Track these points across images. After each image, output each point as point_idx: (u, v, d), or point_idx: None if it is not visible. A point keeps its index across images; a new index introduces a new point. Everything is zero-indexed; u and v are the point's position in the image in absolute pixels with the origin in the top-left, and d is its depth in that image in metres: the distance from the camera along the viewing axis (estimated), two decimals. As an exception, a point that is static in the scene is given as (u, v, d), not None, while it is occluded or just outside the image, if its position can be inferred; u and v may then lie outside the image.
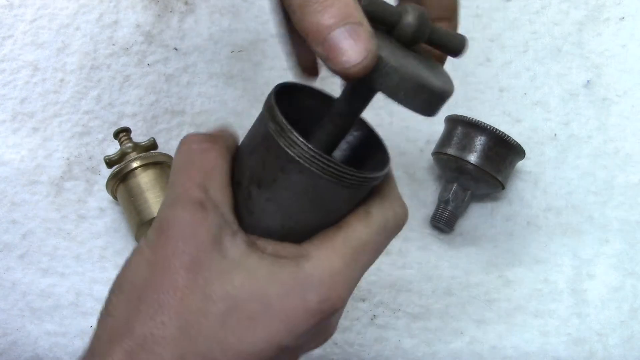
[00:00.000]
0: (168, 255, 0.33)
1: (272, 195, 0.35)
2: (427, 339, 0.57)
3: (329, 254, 0.35)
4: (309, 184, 0.34)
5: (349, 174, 0.34)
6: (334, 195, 0.35)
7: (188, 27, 0.70)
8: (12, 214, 0.61)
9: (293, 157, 0.34)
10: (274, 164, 0.34)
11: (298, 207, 0.35)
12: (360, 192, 0.36)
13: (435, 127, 0.64)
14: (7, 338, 0.56)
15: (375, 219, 0.36)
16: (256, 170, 0.35)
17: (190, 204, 0.33)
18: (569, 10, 0.72)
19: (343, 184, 0.34)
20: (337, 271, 0.34)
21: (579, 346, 0.57)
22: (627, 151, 0.65)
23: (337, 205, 0.36)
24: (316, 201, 0.35)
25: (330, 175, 0.34)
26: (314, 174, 0.34)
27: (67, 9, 0.71)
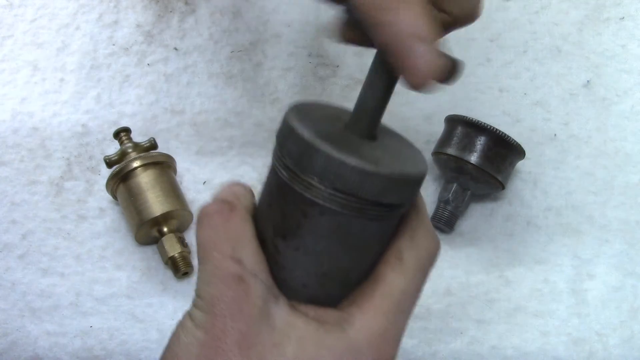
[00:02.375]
0: (218, 334, 0.33)
1: (299, 243, 0.34)
2: (427, 339, 0.57)
3: (372, 315, 0.34)
4: (333, 224, 0.33)
5: (371, 206, 0.33)
6: (362, 231, 0.34)
7: (188, 27, 0.70)
8: (12, 214, 0.61)
9: (311, 199, 0.33)
10: (294, 211, 0.33)
11: (327, 250, 0.34)
12: (389, 224, 0.35)
13: (435, 127, 0.64)
14: (7, 338, 0.56)
15: (409, 264, 0.35)
16: (278, 222, 0.34)
17: (230, 279, 0.33)
18: (569, 10, 0.72)
19: (368, 217, 0.33)
20: (384, 330, 0.34)
21: (579, 346, 0.57)
22: (627, 151, 0.65)
23: (368, 242, 0.34)
24: (344, 240, 0.34)
25: (352, 210, 0.33)
26: (335, 212, 0.33)
27: (67, 9, 0.71)
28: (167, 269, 0.59)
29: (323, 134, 0.33)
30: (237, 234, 0.35)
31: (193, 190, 0.63)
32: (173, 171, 0.62)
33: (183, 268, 0.57)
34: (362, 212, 0.33)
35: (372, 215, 0.33)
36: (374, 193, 0.32)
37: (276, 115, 0.66)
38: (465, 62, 0.73)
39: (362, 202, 0.32)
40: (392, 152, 0.36)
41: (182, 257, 0.58)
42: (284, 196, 0.34)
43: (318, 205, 0.33)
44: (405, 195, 0.34)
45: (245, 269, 0.34)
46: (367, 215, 0.33)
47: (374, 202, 0.32)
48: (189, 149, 0.65)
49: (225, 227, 0.35)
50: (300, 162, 0.33)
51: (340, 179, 0.32)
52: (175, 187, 0.60)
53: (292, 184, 0.33)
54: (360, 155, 0.32)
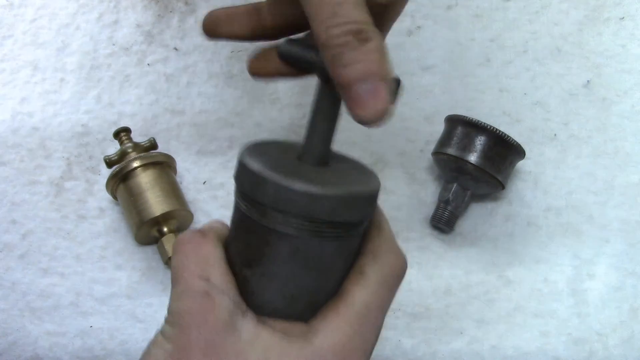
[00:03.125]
0: (184, 344, 0.34)
1: (264, 270, 0.35)
2: (427, 339, 0.57)
3: (337, 324, 0.35)
4: (292, 248, 0.34)
5: (325, 226, 0.34)
6: (321, 252, 0.35)
7: (188, 27, 0.70)
8: (12, 214, 0.61)
9: (268, 227, 0.34)
10: (255, 240, 0.35)
11: (291, 274, 0.35)
12: (348, 242, 0.36)
13: (435, 127, 0.64)
14: (7, 338, 0.56)
15: (370, 278, 0.36)
16: (243, 252, 0.36)
17: (197, 294, 0.35)
18: (569, 10, 0.72)
19: (324, 238, 0.34)
20: (348, 339, 0.35)
21: (579, 346, 0.57)
22: (627, 151, 0.65)
23: (329, 262, 0.35)
24: (305, 263, 0.35)
25: (308, 233, 0.34)
26: (292, 236, 0.34)
27: (67, 9, 0.71)
28: (167, 269, 0.59)
29: (272, 165, 0.34)
30: (206, 257, 0.36)
31: (193, 190, 0.63)
32: (173, 171, 0.62)
33: (183, 268, 0.57)
34: (318, 233, 0.34)
35: (328, 235, 0.34)
36: (325, 213, 0.33)
37: (276, 115, 0.66)
38: (465, 62, 0.73)
39: (316, 224, 0.34)
40: (342, 174, 0.37)
41: (182, 257, 0.57)
42: (245, 227, 0.36)
43: (275, 231, 0.34)
44: (358, 213, 0.35)
45: (212, 285, 0.35)
46: (323, 236, 0.34)
47: (327, 222, 0.34)
48: (189, 149, 0.65)
49: (195, 252, 0.37)
50: (254, 193, 0.34)
51: (291, 204, 0.33)
52: (175, 187, 0.60)
53: (250, 214, 0.35)
54: (307, 179, 0.34)
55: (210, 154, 0.65)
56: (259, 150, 0.37)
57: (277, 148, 0.39)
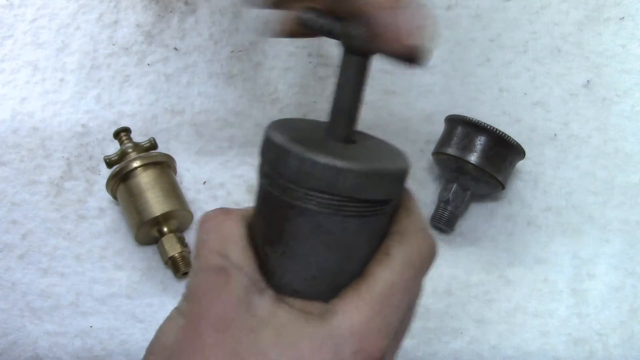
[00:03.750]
0: (196, 318, 0.34)
1: (284, 248, 0.34)
2: (427, 339, 0.57)
3: (356, 304, 0.34)
4: (313, 224, 0.33)
5: (348, 202, 0.33)
6: (343, 230, 0.33)
7: (188, 27, 0.70)
8: (12, 214, 0.61)
9: (289, 202, 0.33)
10: (276, 217, 0.34)
11: (312, 252, 0.34)
12: (373, 222, 0.34)
13: (435, 127, 0.64)
14: (7, 338, 0.56)
15: (396, 259, 0.35)
16: (264, 230, 0.35)
17: (212, 270, 0.34)
18: (569, 10, 0.72)
19: (346, 214, 0.33)
20: (368, 320, 0.33)
21: (579, 346, 0.57)
22: (627, 151, 0.65)
23: (352, 241, 0.34)
24: (327, 240, 0.34)
25: (329, 208, 0.33)
26: (313, 212, 0.33)
27: (67, 9, 0.71)
28: (167, 269, 0.59)
29: (297, 139, 0.34)
30: (226, 234, 0.36)
31: (193, 190, 0.63)
32: (173, 171, 0.62)
33: (183, 268, 0.57)
34: (340, 209, 0.33)
35: (350, 212, 0.33)
36: (348, 189, 0.32)
37: (276, 115, 0.66)
38: (465, 62, 0.73)
39: (338, 199, 0.33)
40: (369, 152, 0.36)
41: (182, 257, 0.58)
42: (267, 204, 0.35)
43: (296, 206, 0.33)
44: (383, 190, 0.34)
45: (229, 262, 0.34)
46: (345, 213, 0.33)
47: (349, 198, 0.33)
48: (189, 149, 0.65)
49: (216, 228, 0.36)
50: (276, 167, 0.33)
51: (312, 178, 0.32)
52: (175, 187, 0.60)
53: (271, 189, 0.34)
54: (331, 153, 0.33)
55: (210, 154, 0.65)
56: (285, 125, 0.36)
57: (304, 125, 0.38)
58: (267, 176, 0.35)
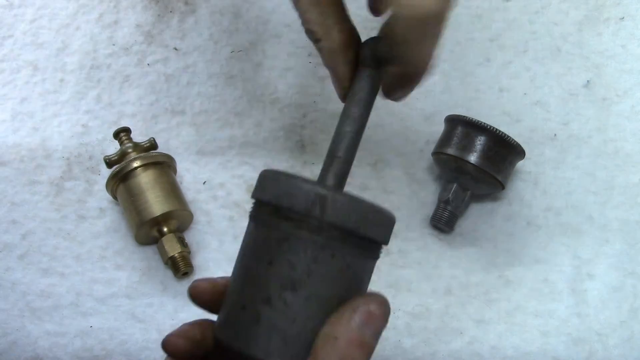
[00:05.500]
0: None
1: (311, 292, 0.34)
2: (427, 339, 0.57)
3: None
4: (344, 266, 0.35)
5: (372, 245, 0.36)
6: (363, 272, 0.36)
7: (188, 27, 0.70)
8: (12, 214, 0.61)
9: (320, 242, 0.34)
10: (303, 259, 0.34)
11: (336, 292, 0.35)
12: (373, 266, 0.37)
13: (435, 127, 0.64)
14: (7, 338, 0.56)
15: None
16: (286, 275, 0.34)
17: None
18: (569, 10, 0.72)
19: (367, 255, 0.36)
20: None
21: (579, 346, 0.57)
22: (627, 151, 0.65)
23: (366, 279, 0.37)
24: (352, 280, 0.35)
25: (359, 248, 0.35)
26: (345, 252, 0.35)
27: (67, 9, 0.71)
28: (167, 269, 0.59)
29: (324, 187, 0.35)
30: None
31: (193, 190, 0.63)
32: (173, 171, 0.62)
33: (183, 268, 0.57)
34: (366, 249, 0.35)
35: (370, 253, 0.36)
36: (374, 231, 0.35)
37: (276, 115, 0.66)
38: (465, 62, 0.73)
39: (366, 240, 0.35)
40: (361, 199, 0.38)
41: (182, 257, 0.58)
42: (289, 248, 0.34)
43: (327, 248, 0.34)
44: (381, 232, 0.36)
45: None
46: (367, 254, 0.36)
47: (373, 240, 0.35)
48: (189, 149, 0.65)
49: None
50: (309, 212, 0.34)
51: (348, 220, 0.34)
52: (175, 187, 0.60)
53: (299, 231, 0.34)
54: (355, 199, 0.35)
55: (210, 154, 0.65)
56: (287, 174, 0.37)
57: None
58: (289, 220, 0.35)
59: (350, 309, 0.34)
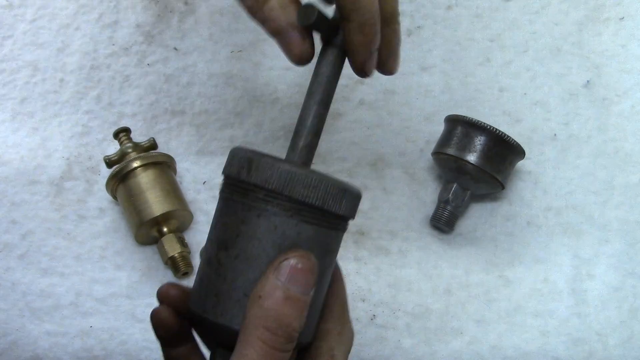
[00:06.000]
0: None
1: (238, 251, 0.36)
2: (427, 339, 0.57)
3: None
4: (270, 226, 0.35)
5: (306, 209, 0.35)
6: (299, 235, 0.35)
7: (188, 27, 0.70)
8: (12, 214, 0.61)
9: (249, 203, 0.36)
10: (234, 221, 0.36)
11: (266, 254, 0.35)
12: (328, 238, 0.37)
13: (435, 127, 0.64)
14: (7, 338, 0.56)
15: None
16: (220, 236, 0.37)
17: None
18: (569, 10, 0.72)
19: (302, 219, 0.35)
20: None
21: (578, 346, 0.57)
22: (627, 151, 0.65)
23: (304, 249, 0.36)
24: (282, 244, 0.35)
25: (287, 211, 0.35)
26: (271, 213, 0.35)
27: (67, 9, 0.71)
28: (167, 269, 0.59)
29: (259, 153, 0.37)
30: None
31: (193, 190, 0.63)
32: (173, 171, 0.62)
33: (183, 268, 0.57)
34: (297, 213, 0.35)
35: (306, 218, 0.35)
36: (305, 194, 0.35)
37: (276, 115, 0.66)
38: (465, 62, 0.73)
39: (296, 203, 0.35)
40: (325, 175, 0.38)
41: (182, 257, 0.58)
42: (226, 210, 0.37)
43: (255, 208, 0.35)
44: (340, 205, 0.36)
45: None
46: (301, 218, 0.35)
47: (305, 203, 0.35)
48: (189, 149, 0.65)
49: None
50: (239, 174, 0.36)
51: (274, 181, 0.35)
52: (175, 187, 0.60)
53: (232, 196, 0.36)
54: (293, 163, 0.37)
55: (210, 154, 0.65)
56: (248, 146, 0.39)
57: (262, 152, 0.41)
58: (229, 186, 0.37)
59: (272, 268, 0.35)
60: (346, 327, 0.40)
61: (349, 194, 0.37)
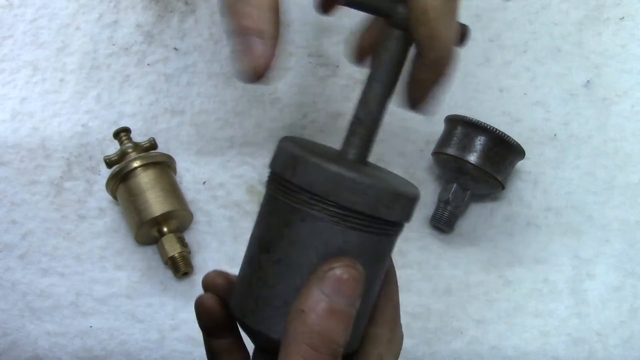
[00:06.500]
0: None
1: (281, 255, 0.33)
2: (427, 339, 0.57)
3: None
4: (315, 231, 0.33)
5: (353, 215, 0.33)
6: (345, 243, 0.33)
7: (188, 27, 0.70)
8: (12, 214, 0.61)
9: (293, 206, 0.33)
10: (277, 221, 0.34)
11: (309, 262, 0.33)
12: (377, 244, 0.34)
13: (435, 127, 0.64)
14: (7, 338, 0.56)
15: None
16: (263, 236, 0.35)
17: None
18: (568, 10, 0.72)
19: (349, 225, 0.33)
20: None
21: (578, 346, 0.57)
22: (627, 151, 0.65)
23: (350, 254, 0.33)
24: (327, 252, 0.33)
25: (332, 216, 0.33)
26: (315, 217, 0.33)
27: (67, 9, 0.71)
28: (167, 269, 0.59)
29: (308, 149, 0.34)
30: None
31: (193, 190, 0.63)
32: (173, 171, 0.62)
33: (183, 268, 0.57)
34: (343, 219, 0.33)
35: (353, 224, 0.33)
36: (352, 200, 0.33)
37: (276, 115, 0.66)
38: (465, 62, 0.73)
39: (342, 208, 0.33)
40: (380, 172, 0.36)
41: (182, 257, 0.58)
42: (270, 210, 0.35)
43: (300, 211, 0.33)
44: (390, 210, 0.34)
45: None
46: (348, 224, 0.33)
47: (352, 210, 0.33)
48: (189, 149, 0.65)
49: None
50: (284, 172, 0.34)
51: (320, 184, 0.33)
52: (175, 187, 0.60)
53: (277, 195, 0.34)
54: (342, 164, 0.33)
55: (210, 154, 0.65)
56: (298, 140, 0.37)
57: (318, 145, 0.39)
58: (274, 182, 0.35)
59: (316, 279, 0.32)
60: (397, 332, 0.38)
61: (403, 198, 0.34)
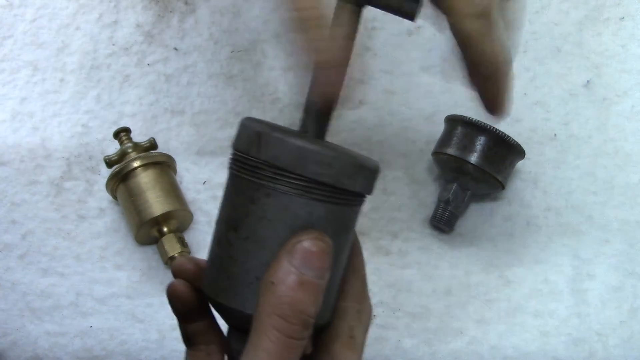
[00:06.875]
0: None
1: (248, 232, 0.34)
2: (427, 339, 0.57)
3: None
4: (281, 206, 0.33)
5: (314, 185, 0.33)
6: (310, 215, 0.33)
7: (188, 27, 0.70)
8: (12, 214, 0.61)
9: (257, 182, 0.33)
10: (243, 200, 0.34)
11: (277, 236, 0.33)
12: (341, 215, 0.35)
13: (435, 127, 0.64)
14: (7, 338, 0.56)
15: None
16: (230, 215, 0.35)
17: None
18: (569, 10, 0.72)
19: (313, 197, 0.33)
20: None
21: (578, 346, 0.57)
22: (627, 151, 0.65)
23: (317, 228, 0.34)
24: (294, 225, 0.33)
25: (297, 189, 0.33)
26: (280, 192, 0.33)
27: (67, 9, 0.71)
28: (167, 269, 0.59)
29: (270, 126, 0.34)
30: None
31: (193, 190, 0.63)
32: (173, 171, 0.62)
33: (183, 268, 0.57)
34: (308, 191, 0.33)
35: (318, 196, 0.33)
36: (315, 172, 0.33)
37: (276, 115, 0.66)
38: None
39: (305, 181, 0.33)
40: (340, 148, 0.36)
41: (182, 257, 0.58)
42: (235, 189, 0.35)
43: (264, 187, 0.33)
44: (354, 182, 0.34)
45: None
46: (312, 196, 0.33)
47: (316, 181, 0.33)
48: (189, 149, 0.65)
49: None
50: (247, 150, 0.34)
51: (283, 158, 0.33)
52: (175, 187, 0.60)
53: (240, 174, 0.34)
54: (304, 138, 0.34)
55: (210, 154, 0.65)
56: (259, 119, 0.37)
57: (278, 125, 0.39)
58: (237, 161, 0.35)
59: (285, 252, 0.33)
60: (365, 305, 0.38)
61: (365, 169, 0.35)
